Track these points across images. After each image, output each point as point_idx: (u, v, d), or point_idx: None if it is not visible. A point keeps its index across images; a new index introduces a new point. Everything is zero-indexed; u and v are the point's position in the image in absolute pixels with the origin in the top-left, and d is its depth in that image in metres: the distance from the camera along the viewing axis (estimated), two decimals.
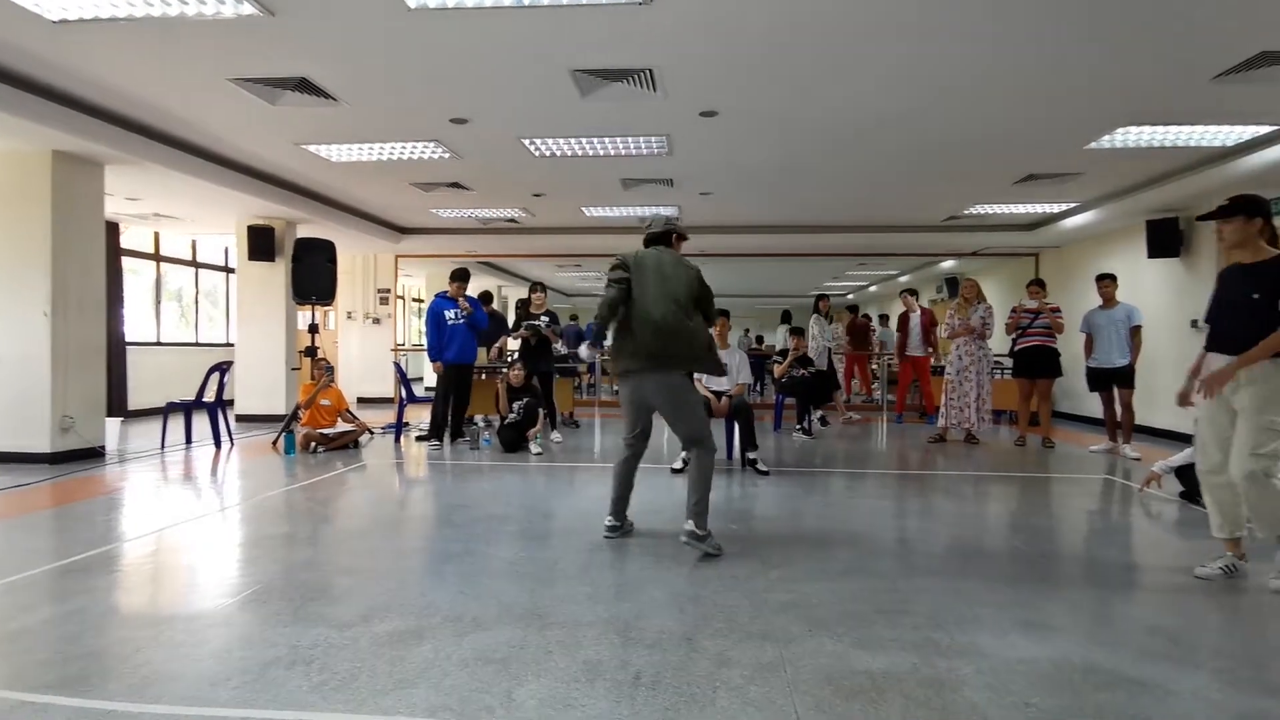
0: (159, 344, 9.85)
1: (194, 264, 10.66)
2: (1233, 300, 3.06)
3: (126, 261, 9.17)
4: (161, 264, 10.01)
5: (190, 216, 8.62)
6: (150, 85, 4.88)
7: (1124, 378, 6.55)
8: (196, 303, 10.76)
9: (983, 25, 3.87)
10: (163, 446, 6.52)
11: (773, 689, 2.07)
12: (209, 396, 6.76)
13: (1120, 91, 4.82)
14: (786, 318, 12.33)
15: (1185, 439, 6.73)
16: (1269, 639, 2.52)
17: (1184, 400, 3.28)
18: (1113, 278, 6.79)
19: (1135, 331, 6.58)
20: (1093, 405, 7.55)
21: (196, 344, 10.61)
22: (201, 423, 6.94)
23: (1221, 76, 4.46)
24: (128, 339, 8.92)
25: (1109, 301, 6.70)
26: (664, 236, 3.73)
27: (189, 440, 6.79)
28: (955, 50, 4.19)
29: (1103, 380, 6.68)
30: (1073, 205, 8.45)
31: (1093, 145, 5.97)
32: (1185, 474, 4.56)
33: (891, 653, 2.32)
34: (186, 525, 3.90)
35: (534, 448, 6.48)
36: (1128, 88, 4.75)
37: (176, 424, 6.87)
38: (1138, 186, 7.38)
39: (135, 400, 8.97)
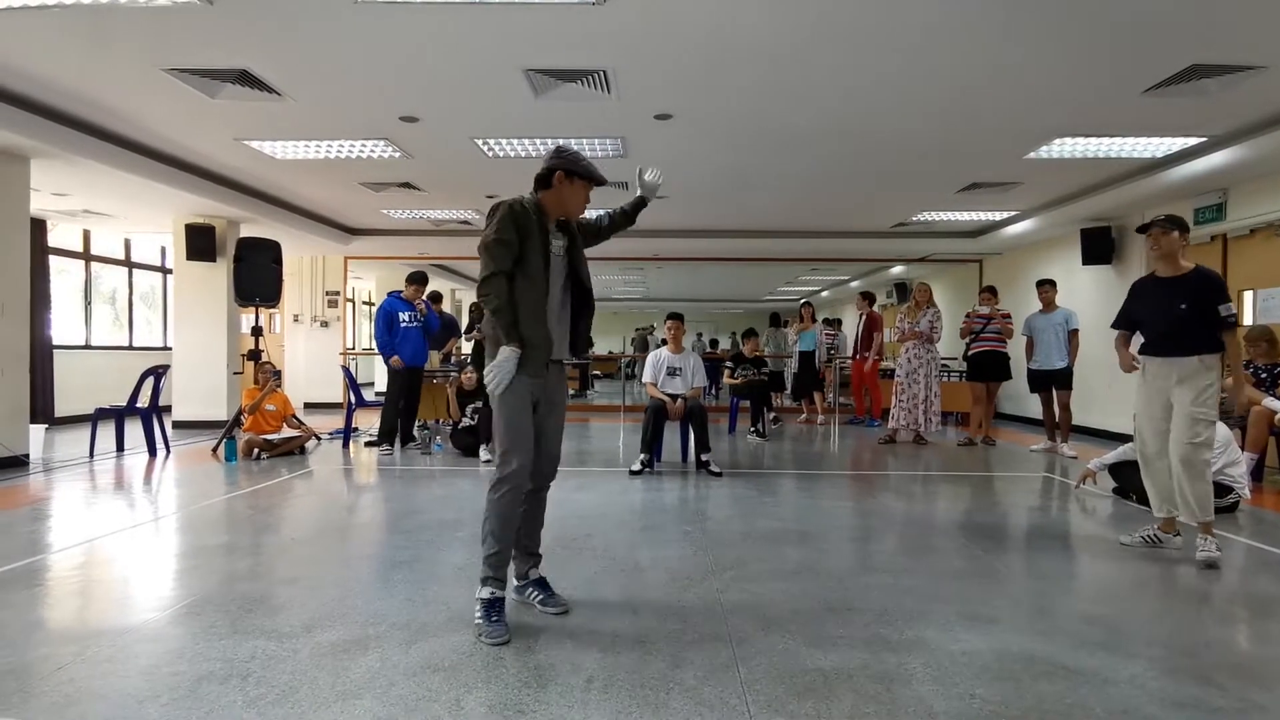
0: (89, 347, 9.39)
1: (128, 264, 10.20)
2: (1164, 311, 3.42)
3: (54, 261, 8.72)
4: (92, 263, 9.55)
5: (123, 214, 8.25)
6: (80, 76, 4.65)
7: (1062, 379, 6.81)
8: (130, 304, 10.29)
9: (927, 38, 3.97)
10: (92, 455, 6.20)
11: (726, 689, 2.07)
12: (143, 402, 6.46)
13: (1057, 104, 5.01)
14: (775, 320, 12.35)
15: (1118, 438, 7.03)
16: (1200, 627, 2.63)
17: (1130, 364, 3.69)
18: (1052, 283, 7.06)
19: (1073, 335, 6.85)
20: (1033, 406, 7.82)
21: (130, 347, 10.15)
22: (135, 430, 6.63)
23: (1152, 90, 4.67)
24: (55, 342, 8.48)
25: (1048, 306, 6.97)
26: (542, 179, 2.68)
27: (121, 448, 6.47)
28: (901, 62, 4.29)
29: (1042, 382, 6.93)
30: (1014, 213, 8.75)
31: (1031, 155, 6.19)
32: (1118, 471, 4.75)
33: (842, 650, 2.34)
34: (117, 536, 3.70)
35: (484, 454, 6.38)
36: (1064, 100, 4.94)
37: (107, 431, 6.54)
38: (1073, 196, 7.68)
39: (63, 407, 8.53)
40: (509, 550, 2.56)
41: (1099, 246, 8.08)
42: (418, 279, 6.75)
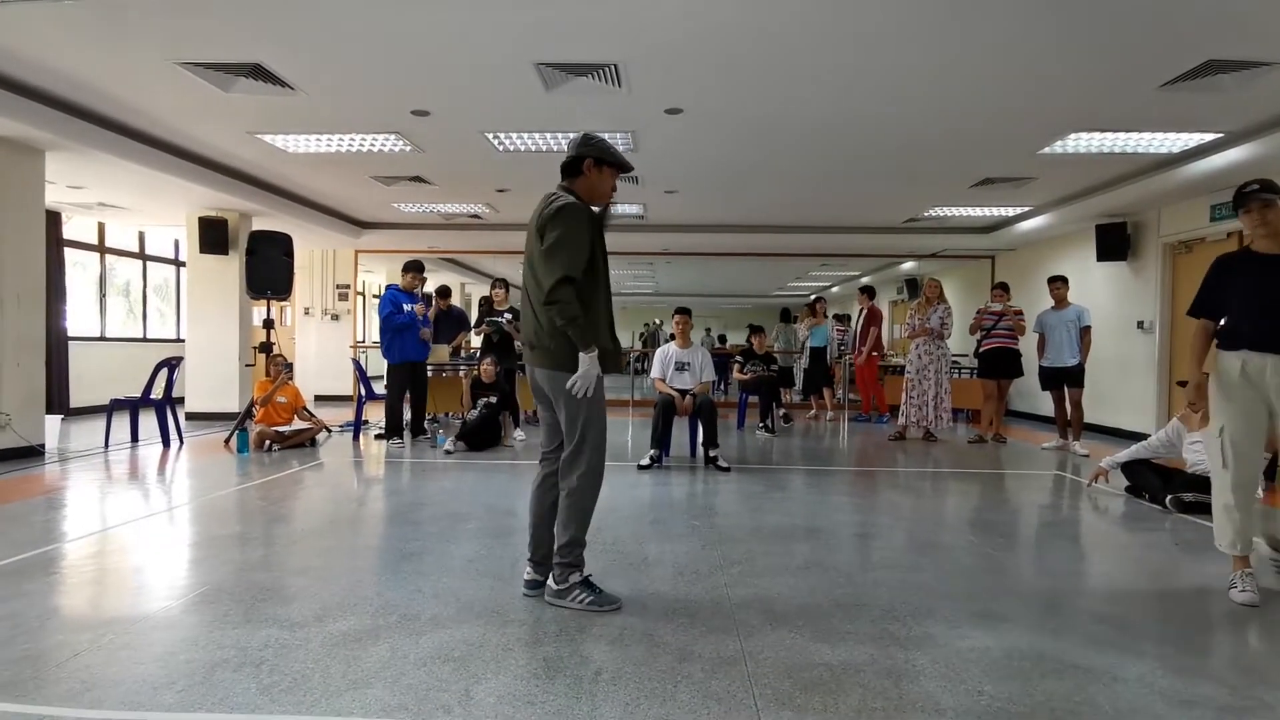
0: (104, 339, 9.48)
1: (142, 256, 10.28)
2: (1275, 296, 2.80)
3: (69, 253, 8.80)
4: (107, 256, 9.63)
5: (138, 207, 8.31)
6: (94, 68, 4.68)
7: (1074, 377, 6.76)
8: (144, 296, 10.38)
9: (940, 32, 3.94)
10: (107, 445, 6.27)
11: (733, 682, 2.08)
12: (157, 393, 6.52)
13: (1071, 98, 4.96)
14: (785, 315, 12.25)
15: (1130, 436, 6.98)
16: (1209, 626, 2.62)
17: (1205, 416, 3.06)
18: (1064, 279, 7.01)
19: (1085, 332, 6.80)
20: (1045, 403, 7.78)
21: (144, 339, 10.24)
22: (149, 421, 6.69)
23: (1169, 84, 4.61)
24: (70, 333, 8.56)
25: (1060, 302, 6.92)
26: (570, 167, 2.67)
27: (135, 439, 6.54)
28: (913, 56, 4.25)
29: (1054, 379, 6.88)
30: (1027, 209, 8.68)
31: (1045, 150, 6.13)
32: (1131, 469, 4.72)
33: (850, 645, 2.35)
34: (131, 525, 3.75)
35: (518, 434, 6.50)
36: (1078, 94, 4.89)
37: (122, 422, 6.61)
38: (1088, 191, 7.61)
39: (78, 397, 8.61)
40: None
41: (1114, 242, 8.00)
42: (414, 267, 6.76)
